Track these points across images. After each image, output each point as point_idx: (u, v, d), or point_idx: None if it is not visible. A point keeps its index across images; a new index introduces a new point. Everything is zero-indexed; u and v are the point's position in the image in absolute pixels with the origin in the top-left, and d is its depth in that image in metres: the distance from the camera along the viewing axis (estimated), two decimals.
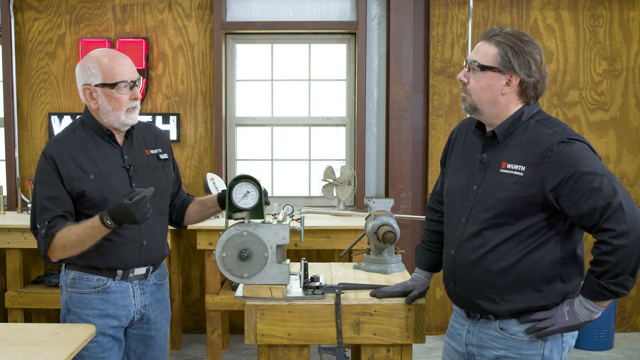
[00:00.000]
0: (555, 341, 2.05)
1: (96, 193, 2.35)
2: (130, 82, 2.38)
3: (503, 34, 1.99)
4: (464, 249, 2.07)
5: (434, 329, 4.94)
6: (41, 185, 2.34)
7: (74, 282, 2.40)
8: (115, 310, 2.41)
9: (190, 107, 4.85)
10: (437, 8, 4.80)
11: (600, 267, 1.88)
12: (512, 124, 2.03)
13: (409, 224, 4.68)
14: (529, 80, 1.98)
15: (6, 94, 4.77)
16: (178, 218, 2.69)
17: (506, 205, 1.98)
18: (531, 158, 1.95)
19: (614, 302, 4.61)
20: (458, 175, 2.15)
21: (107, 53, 2.40)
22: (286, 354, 2.31)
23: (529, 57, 1.97)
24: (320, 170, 4.84)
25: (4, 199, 4.73)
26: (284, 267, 2.30)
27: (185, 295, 4.93)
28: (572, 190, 1.89)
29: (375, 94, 4.87)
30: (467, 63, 2.05)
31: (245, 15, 4.84)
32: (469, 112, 2.07)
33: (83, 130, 2.43)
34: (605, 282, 1.87)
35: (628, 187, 4.89)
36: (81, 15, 4.80)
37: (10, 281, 4.26)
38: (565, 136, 1.93)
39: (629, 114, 4.88)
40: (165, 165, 2.57)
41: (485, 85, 2.01)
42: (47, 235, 2.28)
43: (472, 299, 2.08)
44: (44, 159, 2.35)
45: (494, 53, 1.99)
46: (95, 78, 2.36)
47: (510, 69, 1.97)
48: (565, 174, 1.89)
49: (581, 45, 4.83)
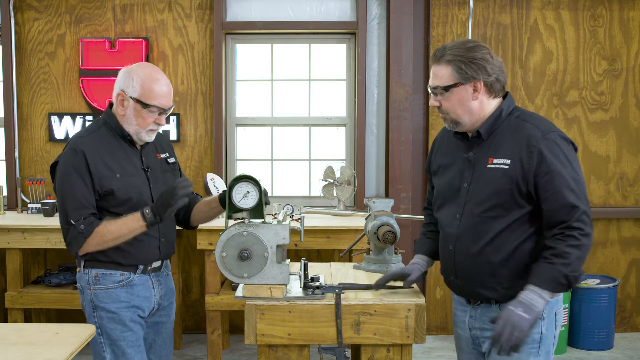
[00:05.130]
0: (550, 319, 2.19)
1: (123, 192, 2.43)
2: (162, 109, 2.45)
3: (449, 52, 2.14)
4: (461, 243, 2.20)
5: (434, 329, 4.94)
6: (74, 180, 2.38)
7: (97, 280, 2.47)
8: (139, 302, 2.51)
9: (190, 107, 4.85)
10: (437, 8, 4.80)
11: (564, 259, 2.02)
12: (493, 122, 2.17)
13: (409, 224, 4.68)
14: (490, 78, 2.14)
15: (6, 94, 4.77)
16: (185, 218, 2.74)
17: (497, 198, 2.11)
18: (516, 151, 2.10)
19: (614, 302, 4.61)
20: (447, 177, 2.28)
21: (154, 74, 2.45)
22: (286, 354, 2.31)
23: (479, 60, 2.12)
24: (320, 170, 4.84)
25: (4, 199, 4.73)
26: (284, 267, 2.30)
27: (185, 295, 4.93)
28: (547, 184, 2.05)
29: (375, 94, 4.88)
30: (432, 90, 2.19)
31: (245, 15, 4.84)
32: (452, 127, 2.23)
33: (107, 130, 2.50)
34: (570, 273, 2.02)
35: (628, 187, 4.89)
36: (81, 15, 4.80)
37: (10, 281, 4.26)
38: (547, 130, 2.10)
39: (629, 114, 4.88)
40: (174, 168, 2.69)
41: (457, 101, 2.15)
42: (85, 232, 2.38)
43: (474, 288, 2.20)
44: (74, 154, 2.40)
45: (449, 72, 2.14)
46: (133, 90, 2.42)
47: (470, 78, 2.13)
48: (544, 169, 2.05)
49: (581, 45, 4.83)
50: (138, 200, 2.46)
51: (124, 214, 2.43)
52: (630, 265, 4.94)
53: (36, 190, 4.67)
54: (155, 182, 2.54)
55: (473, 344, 2.30)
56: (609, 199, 4.91)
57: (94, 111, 4.80)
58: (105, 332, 2.45)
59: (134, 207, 2.44)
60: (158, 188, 2.53)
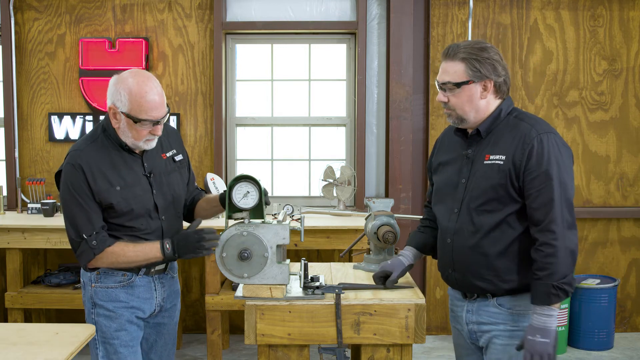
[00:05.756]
0: None
1: (123, 205, 2.40)
2: (154, 121, 2.37)
3: (462, 49, 2.20)
4: (459, 237, 2.25)
5: (434, 329, 4.94)
6: (79, 196, 2.35)
7: (99, 278, 2.45)
8: (139, 303, 2.49)
9: (190, 107, 4.85)
10: (437, 8, 4.80)
11: (546, 271, 2.08)
12: (493, 121, 2.24)
13: (409, 224, 4.68)
14: (500, 79, 2.21)
15: (6, 94, 4.77)
16: (188, 213, 2.71)
17: (493, 193, 2.17)
18: (511, 148, 2.17)
19: (614, 302, 4.61)
20: (446, 173, 2.34)
21: (142, 86, 2.34)
22: (286, 354, 2.31)
23: (492, 60, 2.19)
24: (320, 170, 4.84)
25: (4, 199, 4.73)
26: (284, 267, 2.30)
27: (185, 295, 4.93)
28: (531, 182, 2.12)
29: (375, 94, 4.88)
30: (440, 85, 2.24)
31: (245, 15, 4.84)
32: (456, 124, 2.28)
33: (106, 139, 2.44)
34: (558, 282, 2.07)
35: (628, 187, 4.89)
36: (81, 15, 4.80)
37: (10, 281, 4.26)
38: (542, 130, 2.15)
39: (629, 114, 4.88)
40: (181, 167, 2.62)
41: (466, 98, 2.21)
42: (97, 248, 2.36)
43: (471, 281, 2.25)
44: (73, 170, 2.36)
45: (462, 69, 2.20)
46: (122, 105, 2.35)
47: (483, 77, 2.19)
48: (532, 167, 2.12)
49: (581, 45, 4.83)
50: (139, 211, 2.43)
51: (125, 224, 2.41)
52: (630, 265, 4.94)
53: (36, 190, 4.67)
54: (158, 187, 2.49)
55: (470, 339, 2.33)
56: (609, 199, 4.91)
57: (94, 111, 4.80)
58: (100, 329, 2.44)
59: (135, 217, 2.42)
60: (162, 192, 2.49)
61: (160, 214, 2.48)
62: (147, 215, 2.45)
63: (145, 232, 2.45)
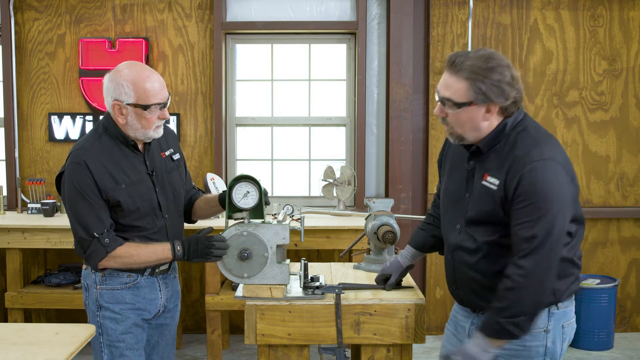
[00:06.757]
0: (557, 332, 2.09)
1: (130, 203, 2.39)
2: (162, 103, 2.38)
3: (468, 66, 1.96)
4: (459, 254, 2.16)
5: (434, 329, 4.94)
6: (86, 194, 2.33)
7: (104, 279, 2.43)
8: (145, 304, 2.48)
9: (190, 107, 4.85)
10: (437, 8, 4.80)
11: (499, 303, 1.94)
12: (495, 137, 2.05)
13: (409, 224, 4.68)
14: (507, 102, 1.99)
15: (6, 94, 4.77)
16: (185, 213, 2.71)
17: (488, 215, 2.04)
18: (504, 173, 1.99)
19: (614, 302, 4.61)
20: (452, 180, 2.22)
21: (142, 73, 2.36)
22: (286, 354, 2.31)
23: (500, 82, 1.96)
24: (320, 170, 4.84)
25: (4, 199, 4.73)
26: (284, 267, 2.30)
27: (185, 295, 4.93)
28: (516, 212, 1.95)
29: (375, 94, 4.88)
30: (439, 98, 2.05)
31: (245, 15, 4.84)
32: (457, 142, 2.11)
33: (108, 138, 2.43)
34: (504, 319, 1.92)
35: (628, 187, 4.89)
36: (81, 15, 4.80)
37: (10, 281, 4.26)
38: (537, 157, 1.94)
39: (629, 114, 4.88)
40: (179, 165, 2.62)
41: (466, 119, 2.02)
42: (109, 246, 2.34)
43: (474, 300, 2.15)
44: (79, 168, 2.34)
45: (465, 88, 1.97)
46: (128, 97, 2.34)
47: (487, 100, 1.98)
48: (519, 198, 1.94)
49: (581, 45, 4.83)
50: (145, 209, 2.42)
51: (133, 224, 2.41)
52: (630, 265, 4.94)
53: (36, 190, 4.67)
54: (161, 186, 2.49)
55: None
56: (609, 199, 4.91)
57: (94, 111, 4.80)
58: (105, 332, 2.43)
59: (141, 216, 2.42)
60: (164, 191, 2.49)
61: (163, 212, 2.48)
62: (152, 214, 2.44)
63: (152, 232, 2.45)
